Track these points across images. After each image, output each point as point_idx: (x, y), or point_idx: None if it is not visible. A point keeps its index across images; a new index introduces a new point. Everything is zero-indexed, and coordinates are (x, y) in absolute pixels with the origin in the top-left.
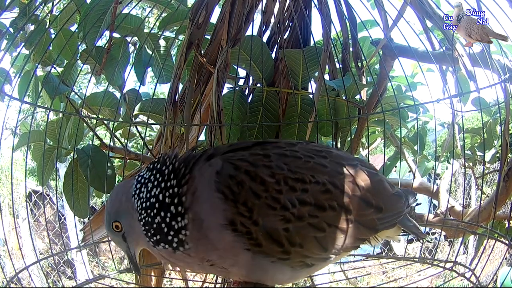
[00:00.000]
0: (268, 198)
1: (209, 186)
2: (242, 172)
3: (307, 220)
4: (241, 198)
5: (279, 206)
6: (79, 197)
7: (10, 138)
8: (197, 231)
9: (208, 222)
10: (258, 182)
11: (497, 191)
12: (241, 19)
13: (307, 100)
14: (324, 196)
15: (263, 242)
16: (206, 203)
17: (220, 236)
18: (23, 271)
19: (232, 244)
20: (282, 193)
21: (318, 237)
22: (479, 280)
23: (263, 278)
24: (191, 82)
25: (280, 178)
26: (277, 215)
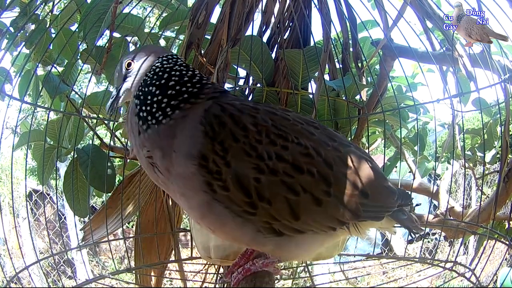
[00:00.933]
0: (246, 144)
1: (196, 119)
2: (227, 114)
3: (281, 177)
4: (219, 137)
5: (255, 154)
6: (79, 196)
7: (10, 138)
8: (169, 138)
9: (180, 142)
10: (239, 127)
11: (497, 191)
12: (241, 19)
13: (307, 100)
14: (304, 159)
15: (230, 186)
16: (188, 130)
17: (182, 161)
18: (23, 270)
19: (191, 176)
20: (262, 144)
21: (290, 200)
22: (479, 280)
23: (218, 230)
24: None
25: (262, 129)
26: (251, 163)
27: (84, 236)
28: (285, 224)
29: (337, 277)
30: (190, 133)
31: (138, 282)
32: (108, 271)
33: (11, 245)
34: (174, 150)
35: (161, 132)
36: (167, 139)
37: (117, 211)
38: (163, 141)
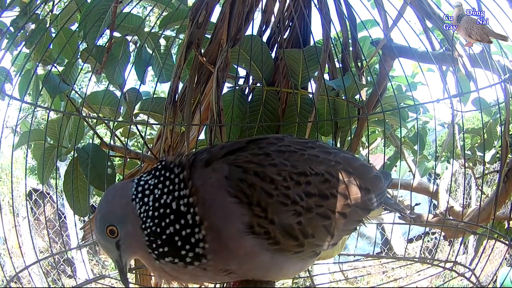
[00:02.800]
0: (279, 196)
1: (220, 193)
2: (251, 174)
3: (315, 211)
4: (255, 200)
5: (290, 201)
6: (79, 196)
7: (10, 137)
8: (217, 242)
9: (227, 230)
10: (268, 181)
11: (497, 191)
12: (241, 19)
13: (306, 99)
14: (325, 185)
15: (281, 239)
16: (221, 211)
17: (241, 242)
18: (24, 270)
19: (252, 248)
20: (290, 189)
21: (326, 225)
22: (479, 280)
23: (278, 275)
24: (191, 82)
25: (286, 175)
26: (290, 211)
27: (84, 235)
28: (323, 245)
29: (337, 277)
30: (226, 212)
31: (138, 282)
32: (108, 271)
33: (11, 244)
34: (225, 242)
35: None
36: (222, 249)
37: None
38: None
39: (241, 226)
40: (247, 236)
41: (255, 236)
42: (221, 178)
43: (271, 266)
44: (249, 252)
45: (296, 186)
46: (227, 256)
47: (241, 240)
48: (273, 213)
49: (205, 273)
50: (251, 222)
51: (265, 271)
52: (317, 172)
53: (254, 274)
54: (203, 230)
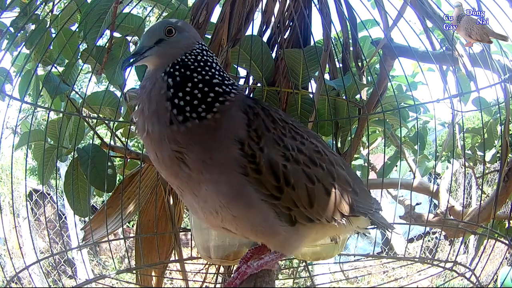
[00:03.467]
0: (275, 134)
1: (236, 106)
2: (259, 107)
3: (302, 166)
4: (254, 125)
5: (283, 144)
6: (80, 196)
7: (10, 137)
8: (210, 129)
9: (224, 131)
10: (270, 119)
11: (497, 191)
12: (242, 19)
13: (307, 99)
14: (316, 154)
15: (263, 169)
16: (230, 118)
17: (226, 147)
18: (24, 270)
19: (229, 160)
20: (286, 137)
21: (308, 187)
22: (479, 280)
23: (243, 213)
24: None
25: (285, 126)
26: (280, 151)
27: (84, 235)
28: (301, 212)
29: (337, 277)
30: (234, 121)
31: (139, 282)
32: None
33: (12, 245)
34: (218, 138)
35: (204, 127)
36: (211, 132)
37: (118, 210)
38: (206, 136)
39: (235, 135)
40: (234, 145)
41: (240, 152)
42: (239, 99)
43: (239, 195)
44: (223, 160)
45: (291, 139)
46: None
47: (227, 145)
48: (265, 144)
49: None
50: (244, 139)
51: (228, 197)
52: (312, 142)
53: (211, 191)
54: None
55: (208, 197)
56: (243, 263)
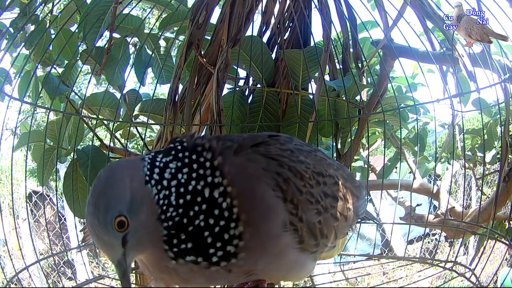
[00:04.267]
0: (307, 193)
1: (260, 185)
2: (286, 168)
3: (330, 211)
4: (289, 196)
5: (314, 200)
6: (79, 197)
7: (10, 139)
8: (255, 240)
9: (266, 226)
10: (299, 177)
11: (497, 192)
12: (241, 20)
13: (307, 100)
14: (335, 187)
15: (305, 238)
16: (261, 205)
17: (278, 240)
18: (23, 271)
19: (285, 247)
20: (313, 187)
21: (335, 226)
22: (479, 280)
23: (296, 275)
24: (191, 83)
25: (310, 173)
26: (314, 209)
27: (84, 237)
28: (328, 247)
29: (337, 278)
30: (266, 210)
31: (138, 282)
32: (108, 272)
33: (11, 246)
34: (266, 241)
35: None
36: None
37: None
38: (254, 255)
39: (281, 223)
40: (284, 233)
41: (288, 233)
42: (259, 169)
43: (294, 266)
44: (281, 251)
45: (317, 186)
46: (260, 255)
47: (278, 238)
48: (302, 210)
49: (226, 276)
50: (286, 219)
51: (286, 271)
52: (330, 174)
53: (274, 274)
54: (240, 226)
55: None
56: None
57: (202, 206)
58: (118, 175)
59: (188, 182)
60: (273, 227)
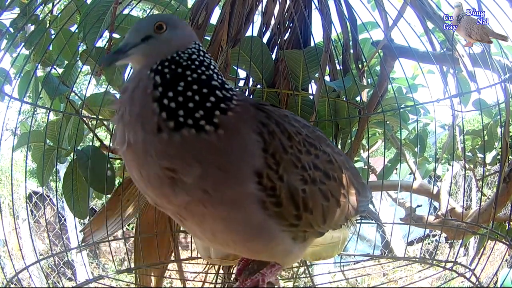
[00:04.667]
0: (293, 155)
1: (246, 125)
2: (273, 122)
3: (318, 185)
4: (271, 148)
5: (300, 165)
6: (79, 198)
7: (10, 139)
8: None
9: (236, 158)
10: (286, 136)
11: (497, 192)
12: (241, 20)
13: (307, 101)
14: (329, 166)
15: (284, 201)
16: (242, 141)
17: (241, 181)
18: (23, 271)
19: (245, 196)
20: (302, 154)
21: (323, 206)
22: (479, 281)
23: (263, 246)
24: None
25: (301, 139)
26: (298, 174)
27: (84, 237)
28: (315, 230)
29: (337, 278)
30: (247, 146)
31: (138, 282)
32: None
33: (11, 246)
34: (227, 169)
35: (205, 143)
36: (214, 153)
37: (117, 212)
38: (207, 156)
39: (251, 168)
40: (251, 179)
41: (258, 186)
42: (248, 114)
43: (260, 232)
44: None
45: (307, 155)
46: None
47: (242, 179)
48: (284, 170)
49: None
50: (262, 170)
51: (251, 237)
52: (325, 151)
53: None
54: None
55: (217, 232)
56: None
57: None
58: (182, 25)
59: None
60: (240, 163)
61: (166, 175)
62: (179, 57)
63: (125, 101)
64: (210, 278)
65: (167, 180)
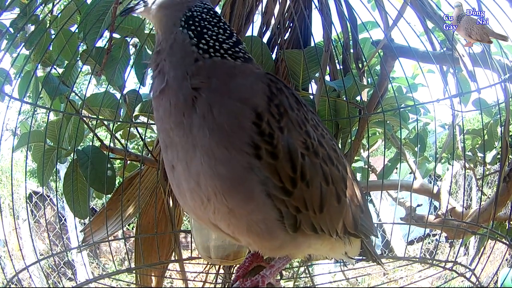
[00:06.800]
0: (298, 116)
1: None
2: (282, 85)
3: (320, 161)
4: (276, 100)
5: (305, 129)
6: (79, 198)
7: (10, 139)
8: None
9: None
10: (293, 99)
11: (497, 192)
12: (241, 20)
13: (308, 100)
14: (333, 153)
15: (280, 153)
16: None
17: (238, 113)
18: (24, 271)
19: (237, 129)
20: (309, 123)
21: (322, 188)
22: (479, 280)
23: (241, 206)
24: None
25: (307, 111)
26: (301, 136)
27: (84, 237)
28: (308, 217)
29: (337, 278)
30: (250, 83)
31: (138, 282)
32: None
33: (12, 246)
34: (229, 91)
35: (224, 66)
36: (227, 76)
37: (117, 212)
38: (222, 75)
39: (250, 100)
40: (247, 110)
41: (253, 124)
42: (261, 72)
43: (240, 180)
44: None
45: (313, 128)
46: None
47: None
48: (286, 125)
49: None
50: (262, 112)
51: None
52: (331, 138)
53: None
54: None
55: (201, 176)
56: (242, 271)
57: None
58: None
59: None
60: (243, 93)
61: (191, 96)
62: (198, 12)
63: (163, 56)
64: (211, 278)
65: (190, 101)
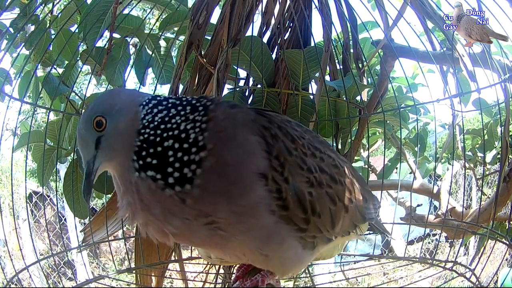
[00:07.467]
0: (297, 157)
1: (243, 130)
2: (276, 126)
3: (325, 189)
4: (275, 151)
5: (306, 167)
6: (79, 198)
7: (10, 139)
8: (217, 173)
9: (238, 168)
10: (289, 139)
11: (497, 192)
12: (242, 20)
13: (307, 101)
14: (335, 169)
15: (290, 204)
16: (238, 146)
17: (247, 187)
18: (24, 271)
19: (258, 201)
20: (307, 156)
21: (331, 210)
22: (479, 280)
23: (274, 252)
24: (192, 83)
25: (305, 143)
26: (304, 176)
27: (84, 237)
28: (324, 236)
29: (337, 278)
30: (248, 149)
31: (138, 282)
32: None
33: (12, 246)
34: (236, 179)
35: (211, 179)
36: (223, 176)
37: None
38: (220, 185)
39: (256, 170)
40: (259, 182)
41: (266, 188)
42: (247, 119)
43: (271, 236)
44: (252, 204)
45: (312, 157)
46: (221, 194)
47: (248, 185)
48: (289, 172)
49: (181, 209)
50: (267, 172)
51: (261, 240)
52: (329, 155)
53: (244, 241)
54: (202, 153)
55: (237, 244)
56: (243, 271)
57: (175, 132)
58: (118, 91)
59: (174, 116)
60: (243, 169)
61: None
62: (147, 133)
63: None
64: (211, 278)
65: (212, 231)
